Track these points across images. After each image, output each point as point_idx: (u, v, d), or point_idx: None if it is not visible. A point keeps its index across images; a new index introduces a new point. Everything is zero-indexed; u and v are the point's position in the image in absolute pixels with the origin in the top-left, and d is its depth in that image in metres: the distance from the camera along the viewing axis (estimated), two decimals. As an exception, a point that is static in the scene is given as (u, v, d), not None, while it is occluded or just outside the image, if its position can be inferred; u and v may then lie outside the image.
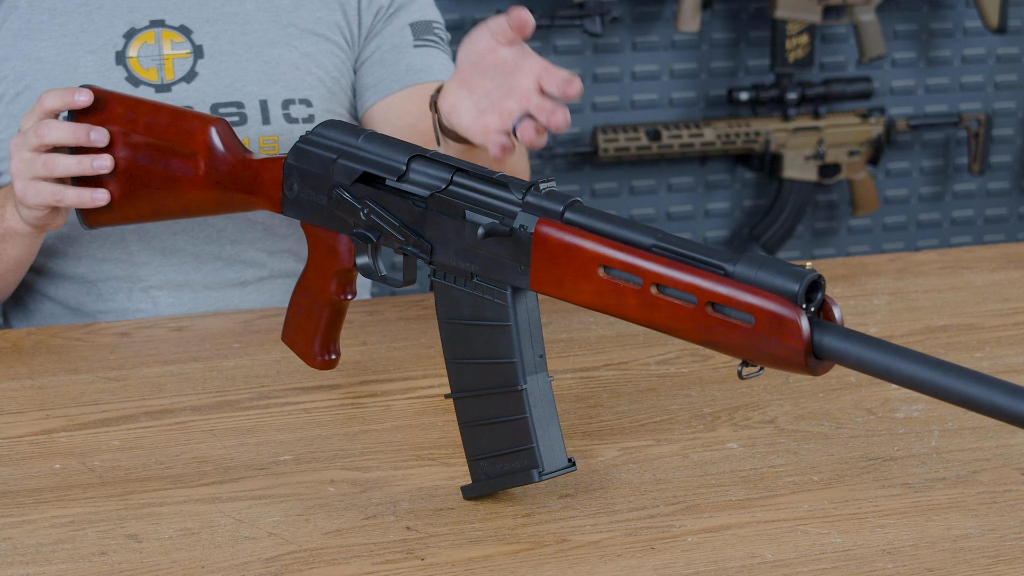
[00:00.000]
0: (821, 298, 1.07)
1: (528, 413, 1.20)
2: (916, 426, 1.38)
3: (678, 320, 1.10)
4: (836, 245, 3.47)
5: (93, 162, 1.48)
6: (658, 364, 1.53)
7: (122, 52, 1.70)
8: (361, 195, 1.28)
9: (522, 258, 1.17)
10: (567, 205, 1.16)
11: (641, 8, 3.19)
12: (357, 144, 1.29)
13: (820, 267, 1.84)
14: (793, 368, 1.07)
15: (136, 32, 1.70)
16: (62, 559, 1.15)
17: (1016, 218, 3.58)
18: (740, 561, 1.15)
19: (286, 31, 1.74)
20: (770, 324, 1.06)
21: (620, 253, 1.12)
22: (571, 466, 1.23)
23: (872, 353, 1.04)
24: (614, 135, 3.15)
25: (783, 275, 1.06)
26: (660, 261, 1.10)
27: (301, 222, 1.35)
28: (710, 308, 1.08)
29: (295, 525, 1.20)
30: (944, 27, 3.38)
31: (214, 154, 1.45)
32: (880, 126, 3.31)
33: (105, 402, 1.43)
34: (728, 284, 1.07)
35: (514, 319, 1.20)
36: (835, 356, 1.05)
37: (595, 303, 1.14)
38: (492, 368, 1.21)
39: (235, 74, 1.71)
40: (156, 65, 1.70)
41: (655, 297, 1.11)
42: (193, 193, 1.47)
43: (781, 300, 1.05)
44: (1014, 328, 1.65)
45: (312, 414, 1.41)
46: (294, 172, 1.34)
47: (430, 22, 1.79)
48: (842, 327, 1.06)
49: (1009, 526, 1.21)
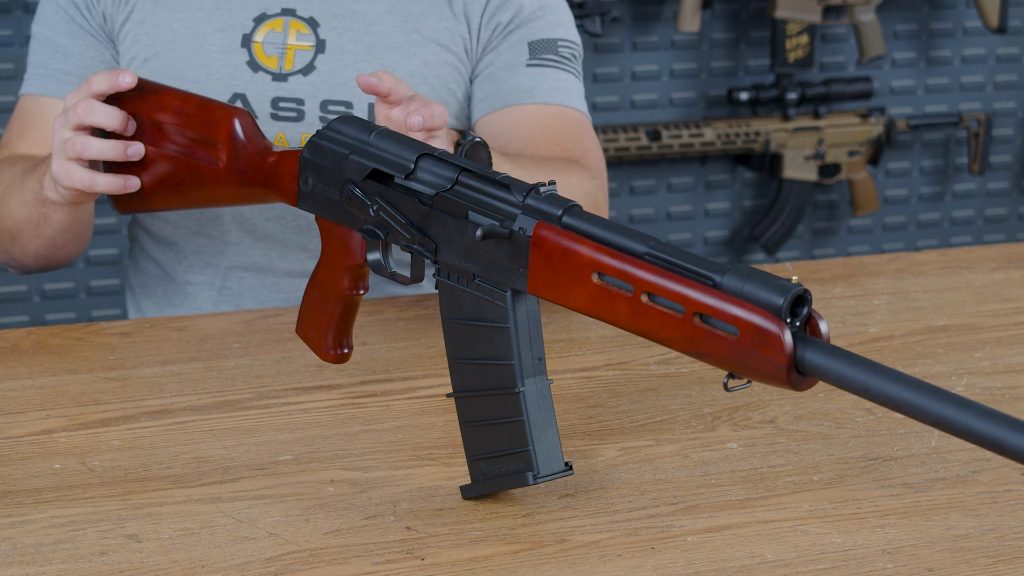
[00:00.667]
0: (807, 313, 1.06)
1: (525, 416, 1.20)
2: (916, 426, 1.38)
3: (667, 329, 1.10)
4: (836, 245, 3.47)
5: (128, 148, 1.49)
6: (658, 364, 1.53)
7: (249, 35, 1.73)
8: (371, 191, 1.29)
9: (520, 261, 1.17)
10: (565, 209, 1.16)
11: (641, 8, 3.19)
12: (369, 140, 1.30)
13: (820, 267, 1.84)
14: (776, 382, 1.06)
15: (266, 17, 1.74)
16: (62, 559, 1.15)
17: (1016, 218, 3.58)
18: (740, 561, 1.15)
19: (410, 37, 1.75)
20: (754, 337, 1.05)
21: (613, 260, 1.12)
22: (567, 470, 1.22)
23: (852, 371, 1.03)
24: (614, 135, 3.15)
25: (768, 288, 1.05)
26: (651, 269, 1.10)
27: (315, 216, 1.36)
28: (697, 319, 1.08)
29: (295, 525, 1.20)
30: (944, 27, 3.38)
31: (236, 145, 1.46)
32: (880, 126, 3.31)
33: (105, 402, 1.43)
34: (715, 295, 1.07)
35: (513, 321, 1.20)
36: (817, 372, 1.04)
37: (588, 308, 1.14)
38: (491, 369, 1.21)
39: (351, 73, 1.73)
40: (278, 53, 1.73)
41: (645, 305, 1.10)
42: (216, 183, 1.48)
43: (765, 313, 1.05)
44: (1014, 328, 1.65)
45: (312, 414, 1.41)
46: (309, 166, 1.35)
47: (554, 40, 1.78)
48: (825, 343, 1.05)
49: (1009, 526, 1.21)
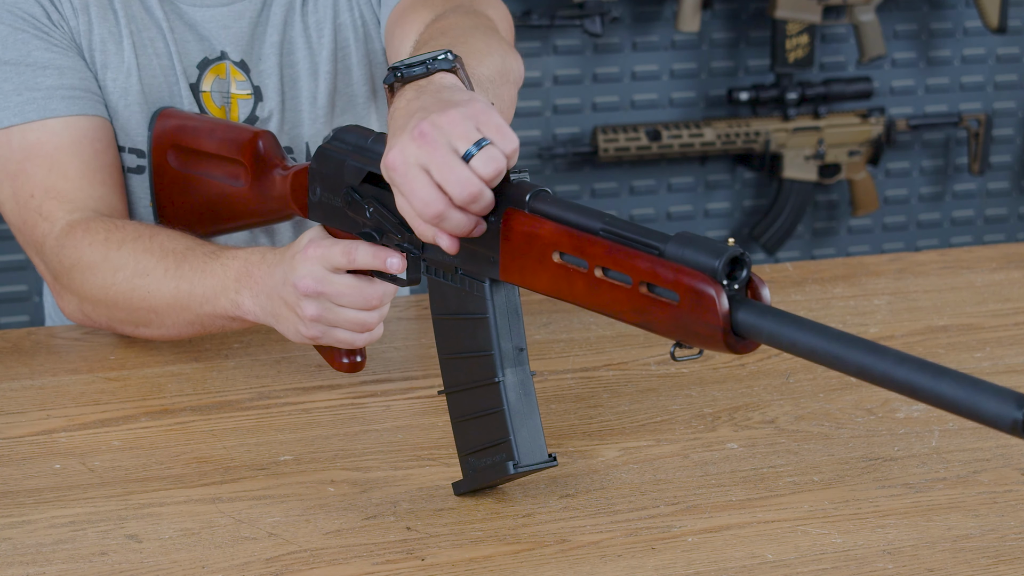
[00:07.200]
0: (747, 276, 1.06)
1: (505, 405, 1.21)
2: (916, 426, 1.38)
3: (617, 302, 1.11)
4: (836, 245, 3.47)
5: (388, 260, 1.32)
6: (658, 364, 1.53)
7: (196, 84, 1.64)
8: (368, 194, 1.29)
9: (493, 248, 1.18)
10: (532, 195, 1.16)
11: (641, 8, 3.19)
12: (367, 146, 1.30)
13: (820, 267, 1.84)
14: (714, 345, 1.06)
15: (209, 63, 1.64)
16: (62, 559, 1.15)
17: (1016, 218, 3.58)
18: (740, 561, 1.15)
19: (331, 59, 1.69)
20: (692, 300, 1.06)
21: (570, 237, 1.13)
22: (551, 461, 1.23)
23: (781, 327, 1.03)
24: (614, 135, 3.15)
25: (704, 252, 1.06)
26: (603, 244, 1.11)
27: (323, 225, 1.36)
28: (644, 287, 1.09)
29: (295, 525, 1.20)
30: (944, 27, 3.38)
31: (258, 165, 1.49)
32: (880, 126, 3.31)
33: (105, 402, 1.43)
34: (658, 263, 1.08)
35: (492, 311, 1.21)
36: (751, 332, 1.04)
37: (551, 289, 1.15)
38: (474, 362, 1.22)
39: (290, 118, 1.68)
40: (226, 104, 1.66)
41: (599, 279, 1.11)
42: (241, 203, 1.50)
43: (701, 276, 1.05)
44: (1014, 328, 1.65)
45: (312, 414, 1.41)
46: (317, 176, 1.36)
47: None
48: (758, 303, 1.05)
49: (1009, 526, 1.21)
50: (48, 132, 1.54)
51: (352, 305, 1.34)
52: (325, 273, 1.32)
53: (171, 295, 1.44)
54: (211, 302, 1.42)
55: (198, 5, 1.63)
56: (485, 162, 1.12)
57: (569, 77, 3.20)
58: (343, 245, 1.32)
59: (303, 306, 1.34)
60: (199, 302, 1.43)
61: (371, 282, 1.33)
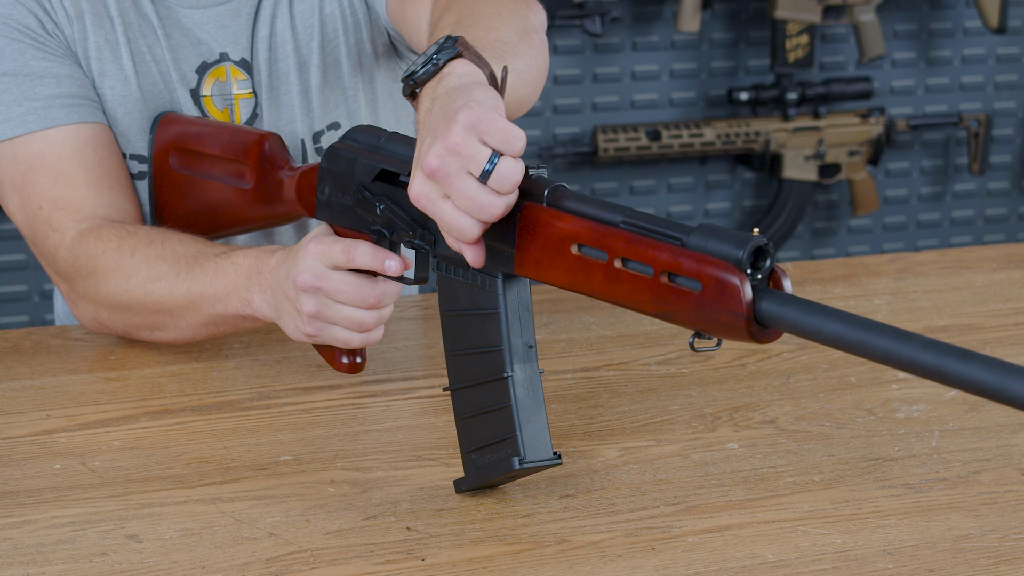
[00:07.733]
0: (770, 266, 1.07)
1: (513, 401, 1.21)
2: (916, 426, 1.38)
3: (637, 292, 1.12)
4: (836, 245, 3.47)
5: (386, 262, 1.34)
6: (659, 364, 1.53)
7: (196, 90, 1.63)
8: (379, 192, 1.30)
9: (508, 242, 1.18)
10: (551, 190, 1.18)
11: (641, 8, 3.19)
12: (379, 144, 1.31)
13: (820, 267, 1.84)
14: (736, 335, 1.07)
15: (208, 67, 1.64)
16: (62, 559, 1.15)
17: (1016, 218, 3.58)
18: (741, 561, 1.15)
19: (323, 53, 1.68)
20: (715, 289, 1.07)
21: (590, 230, 1.14)
22: (556, 459, 1.23)
23: (804, 316, 1.04)
24: (614, 135, 3.15)
25: (730, 242, 1.07)
26: (625, 235, 1.12)
27: (331, 225, 1.36)
28: (665, 277, 1.10)
29: (295, 525, 1.20)
30: (944, 27, 3.38)
31: (264, 166, 1.48)
32: (880, 126, 3.31)
33: (105, 402, 1.43)
34: (681, 253, 1.09)
35: (504, 307, 1.21)
36: (774, 320, 1.05)
37: (567, 281, 1.16)
38: (483, 358, 1.22)
39: (287, 114, 1.67)
40: (229, 105, 1.65)
41: (618, 270, 1.12)
42: (246, 205, 1.50)
43: (726, 266, 1.06)
44: (1014, 328, 1.65)
45: (313, 414, 1.41)
46: (326, 175, 1.36)
47: None
48: (781, 292, 1.06)
49: (1010, 526, 1.21)
50: (51, 142, 1.55)
51: (350, 302, 1.34)
52: (324, 269, 1.33)
53: (184, 297, 1.45)
54: (223, 301, 1.43)
55: (193, 7, 1.63)
56: (501, 181, 1.13)
57: (569, 77, 3.20)
58: (343, 243, 1.32)
59: (301, 301, 1.35)
60: (211, 302, 1.44)
61: (372, 281, 1.34)
